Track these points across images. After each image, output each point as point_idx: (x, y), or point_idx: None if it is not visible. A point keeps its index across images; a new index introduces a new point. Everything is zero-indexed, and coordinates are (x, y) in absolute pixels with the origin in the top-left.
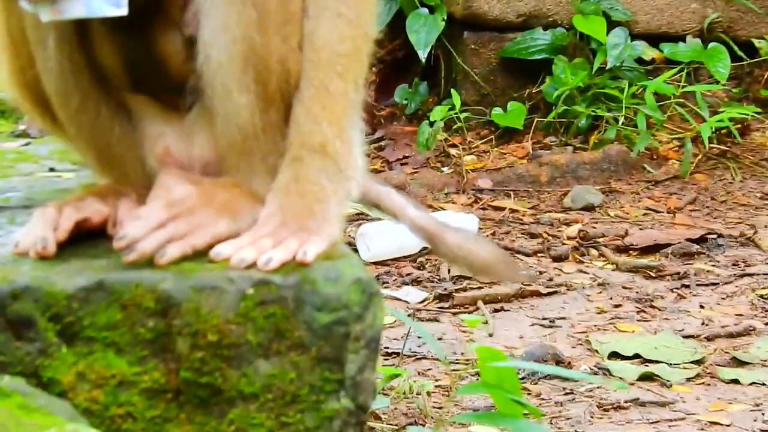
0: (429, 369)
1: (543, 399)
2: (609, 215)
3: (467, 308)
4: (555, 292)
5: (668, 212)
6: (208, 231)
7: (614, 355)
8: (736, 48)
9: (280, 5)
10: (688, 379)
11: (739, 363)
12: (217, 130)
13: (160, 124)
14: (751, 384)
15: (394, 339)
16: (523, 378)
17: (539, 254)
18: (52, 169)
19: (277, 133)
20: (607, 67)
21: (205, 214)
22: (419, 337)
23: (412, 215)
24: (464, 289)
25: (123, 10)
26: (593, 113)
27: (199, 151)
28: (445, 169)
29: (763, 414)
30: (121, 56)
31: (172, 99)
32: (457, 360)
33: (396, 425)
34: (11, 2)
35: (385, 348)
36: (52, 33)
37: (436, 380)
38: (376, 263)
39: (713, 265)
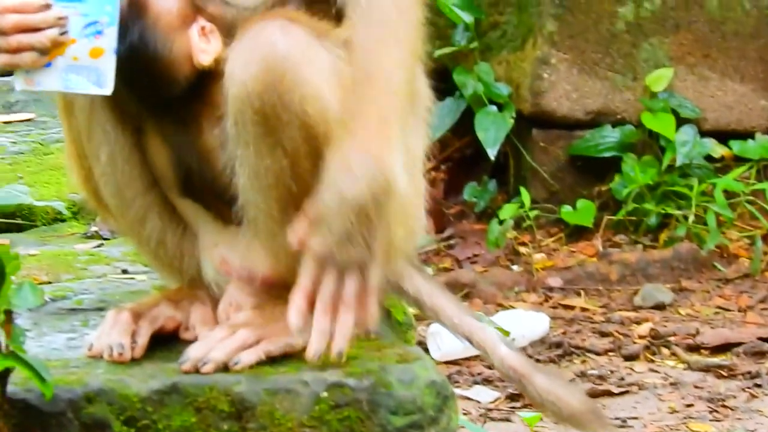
0: None
1: None
2: (680, 314)
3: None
4: (626, 392)
5: (739, 311)
6: (282, 339)
7: None
8: None
9: (312, 150)
10: None
11: None
12: (270, 257)
13: (214, 234)
14: None
15: None
16: None
17: (610, 353)
18: (124, 271)
19: None
20: (676, 165)
21: (276, 326)
22: None
23: (502, 354)
24: None
25: (106, 90)
26: (663, 211)
27: (257, 265)
28: (514, 267)
29: None
30: (172, 159)
31: (223, 208)
32: None
33: None
34: (73, 116)
35: None
36: (104, 146)
37: None
38: (447, 362)
39: None
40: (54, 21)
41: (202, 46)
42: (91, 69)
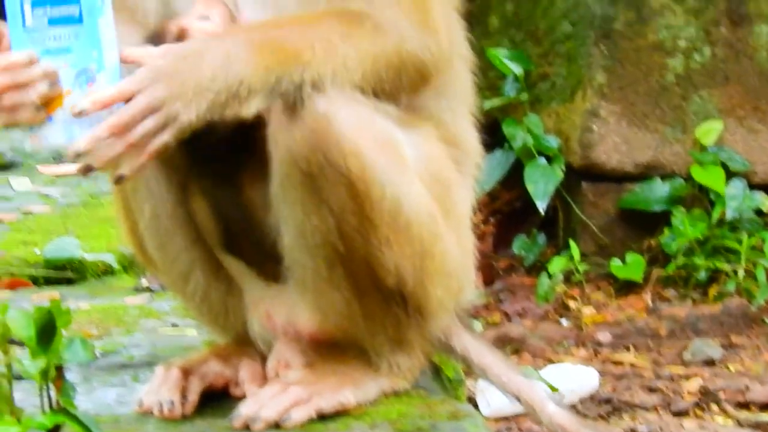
0: None
1: None
2: (729, 369)
3: None
4: None
5: None
6: (334, 397)
7: None
8: None
9: (358, 208)
10: None
11: None
12: (317, 314)
13: (259, 290)
14: None
15: None
16: None
17: (659, 409)
18: (174, 325)
19: (381, 314)
20: (726, 219)
21: (327, 383)
22: None
23: (550, 412)
24: None
25: None
26: (712, 266)
27: (303, 322)
28: (563, 321)
29: None
30: (215, 215)
31: (266, 265)
32: None
33: None
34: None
35: None
36: (148, 202)
37: None
38: (496, 419)
39: None
40: (41, 76)
41: None
42: (92, 117)
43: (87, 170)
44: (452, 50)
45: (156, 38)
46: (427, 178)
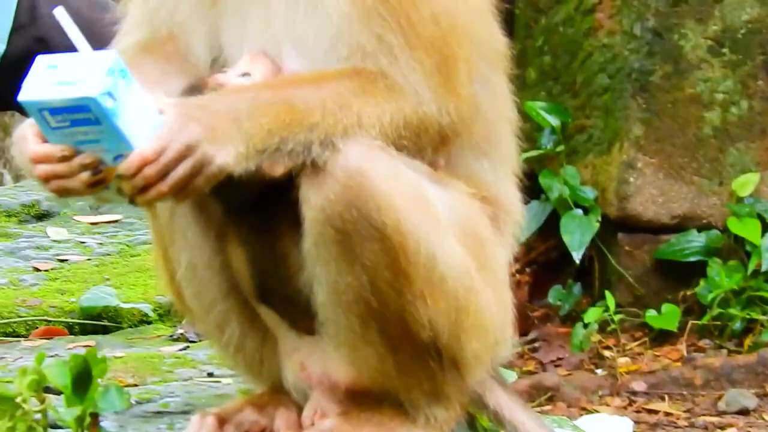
0: None
1: None
2: (764, 419)
3: None
4: None
5: None
6: None
7: None
8: None
9: (392, 263)
10: None
11: None
12: (351, 367)
13: (293, 339)
14: None
15: None
16: None
17: None
18: (210, 374)
19: (416, 368)
20: (761, 270)
21: None
22: None
23: None
24: None
25: None
26: (748, 316)
27: (337, 374)
28: (599, 371)
29: None
30: (251, 265)
31: (299, 318)
32: None
33: None
34: (156, 217)
35: None
36: (184, 251)
37: None
38: None
39: None
40: (79, 167)
41: None
42: None
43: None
44: (473, 114)
45: (194, 91)
46: (461, 234)
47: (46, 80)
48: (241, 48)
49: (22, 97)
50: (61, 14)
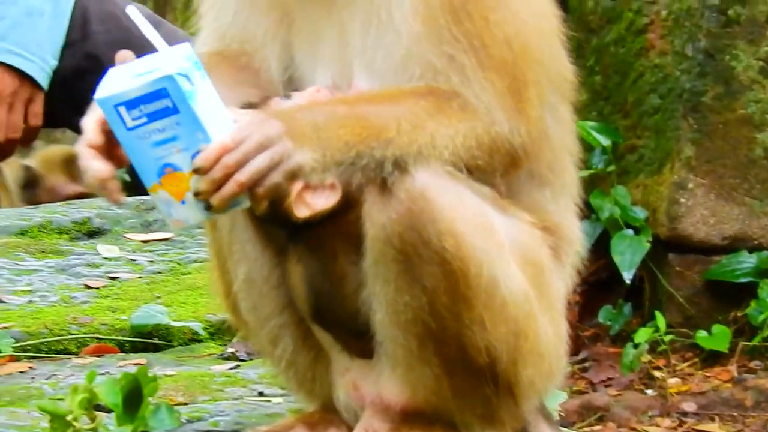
0: None
1: None
2: None
3: None
4: None
5: None
6: None
7: None
8: None
9: (452, 287)
10: None
11: None
12: (406, 388)
13: (346, 359)
14: None
15: None
16: None
17: None
18: (261, 393)
19: (472, 391)
20: None
21: None
22: None
23: None
24: None
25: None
26: None
27: (391, 395)
28: (649, 391)
29: None
30: (307, 283)
31: (354, 341)
32: None
33: None
34: (216, 230)
35: None
36: (242, 264)
37: None
38: None
39: None
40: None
41: (306, 199)
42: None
43: (209, 209)
44: (542, 139)
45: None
46: (522, 261)
47: (122, 76)
48: (315, 67)
49: (98, 95)
50: (134, 13)
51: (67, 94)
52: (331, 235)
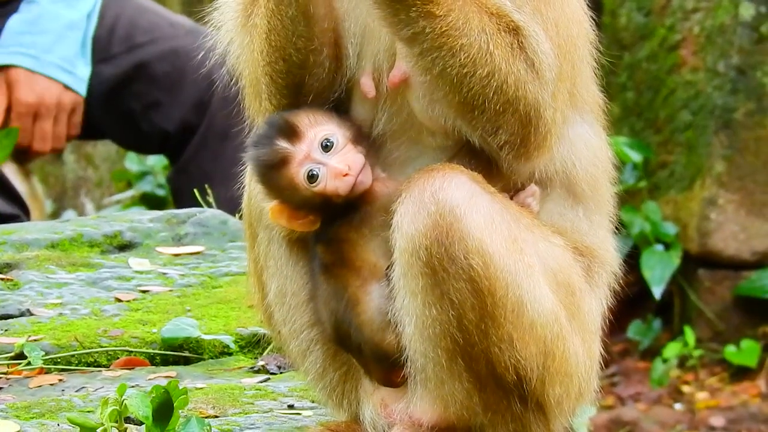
0: None
1: None
2: None
3: None
4: None
5: None
6: None
7: None
8: None
9: (479, 305)
10: None
11: None
12: (437, 403)
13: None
14: None
15: None
16: None
17: None
18: (291, 407)
19: (502, 407)
20: None
21: None
22: None
23: None
24: None
25: None
26: None
27: (421, 413)
28: (677, 406)
29: None
30: (326, 305)
31: (375, 368)
32: None
33: None
34: (255, 239)
35: None
36: (275, 278)
37: None
38: None
39: None
40: None
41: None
42: None
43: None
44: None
45: None
46: (552, 282)
47: None
48: (361, 48)
49: None
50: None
51: (110, 105)
52: (343, 262)
